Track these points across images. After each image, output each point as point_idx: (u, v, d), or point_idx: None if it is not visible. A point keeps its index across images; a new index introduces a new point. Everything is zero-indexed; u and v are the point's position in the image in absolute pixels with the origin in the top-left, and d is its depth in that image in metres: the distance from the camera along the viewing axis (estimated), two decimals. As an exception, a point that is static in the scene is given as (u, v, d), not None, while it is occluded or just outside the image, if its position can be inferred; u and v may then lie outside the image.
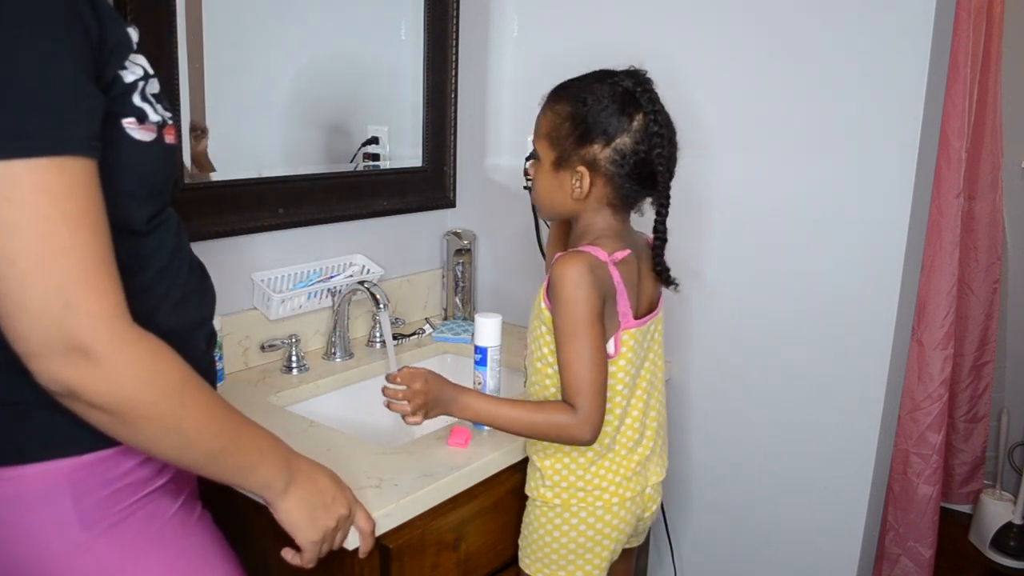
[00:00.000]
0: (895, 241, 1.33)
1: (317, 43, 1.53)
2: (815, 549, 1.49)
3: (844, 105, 1.33)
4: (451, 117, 1.76)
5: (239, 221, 1.39)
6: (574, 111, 1.04)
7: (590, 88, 1.04)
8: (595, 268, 1.01)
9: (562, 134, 1.05)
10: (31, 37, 0.62)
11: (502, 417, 1.05)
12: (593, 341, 1.01)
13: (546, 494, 1.11)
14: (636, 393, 1.11)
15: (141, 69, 0.74)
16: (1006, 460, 2.44)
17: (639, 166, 1.03)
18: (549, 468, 1.10)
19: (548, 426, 1.02)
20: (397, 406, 1.05)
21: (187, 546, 0.83)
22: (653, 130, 1.02)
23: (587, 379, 1.01)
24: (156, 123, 0.75)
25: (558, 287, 1.01)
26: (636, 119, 1.02)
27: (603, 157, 1.03)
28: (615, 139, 1.02)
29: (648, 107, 1.02)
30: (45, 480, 0.73)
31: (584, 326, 1.00)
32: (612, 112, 1.02)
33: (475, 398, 1.07)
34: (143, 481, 0.79)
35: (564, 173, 1.06)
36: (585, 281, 0.99)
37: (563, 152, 1.05)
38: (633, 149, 1.02)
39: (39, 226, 0.62)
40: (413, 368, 1.06)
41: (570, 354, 1.01)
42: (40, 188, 0.62)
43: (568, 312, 1.00)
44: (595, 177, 1.05)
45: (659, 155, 1.02)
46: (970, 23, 1.59)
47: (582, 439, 1.03)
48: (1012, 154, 2.31)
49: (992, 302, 2.28)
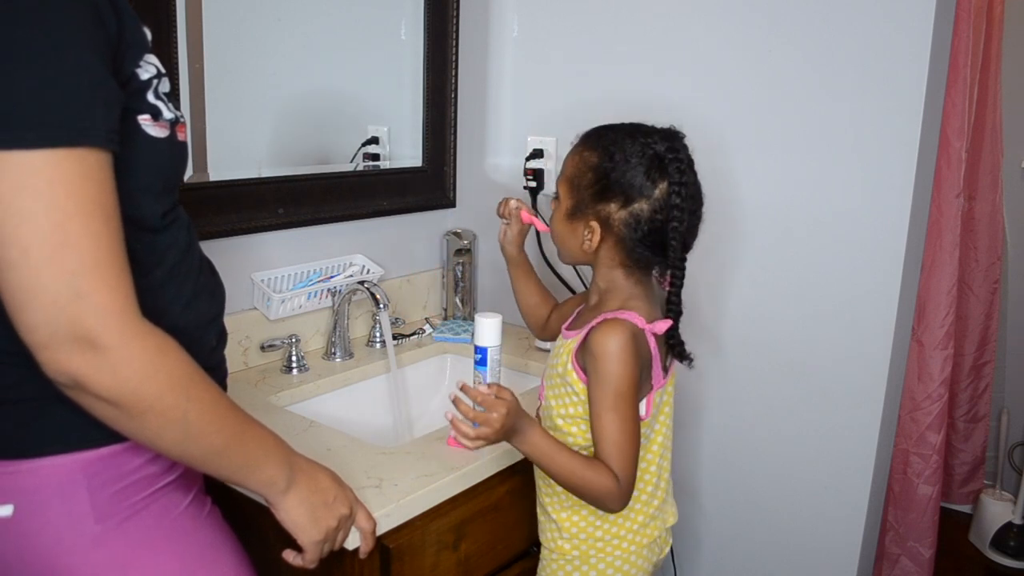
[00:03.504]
0: (895, 241, 1.33)
1: (317, 43, 1.53)
2: (815, 549, 1.49)
3: (844, 105, 1.33)
4: (451, 117, 1.76)
5: (239, 221, 1.39)
6: (599, 163, 1.01)
7: (621, 143, 1.00)
8: (636, 337, 0.98)
9: (583, 184, 1.02)
10: (52, 30, 0.62)
11: (557, 463, 1.00)
12: (632, 412, 0.99)
13: (564, 546, 1.09)
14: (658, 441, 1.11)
15: (155, 68, 0.75)
16: (1006, 460, 2.44)
17: (652, 234, 1.00)
18: (566, 520, 1.09)
19: (594, 486, 0.98)
20: (461, 426, 1.00)
21: (199, 540, 0.84)
22: (675, 202, 0.97)
23: (626, 450, 0.98)
24: (169, 120, 0.76)
25: (600, 358, 0.97)
26: (659, 186, 0.98)
27: (617, 218, 1.00)
28: (633, 203, 0.99)
29: (675, 176, 0.98)
30: (61, 473, 0.74)
31: (626, 400, 0.98)
32: (637, 174, 0.98)
33: (541, 437, 1.01)
34: (156, 475, 0.80)
35: (577, 223, 1.04)
36: (627, 353, 0.97)
37: (579, 201, 1.03)
38: (649, 216, 0.99)
39: (54, 215, 0.62)
40: (503, 394, 0.99)
41: (610, 425, 0.98)
42: (57, 178, 0.62)
43: (611, 385, 0.97)
44: (606, 235, 1.02)
45: (675, 228, 0.98)
46: (970, 23, 1.59)
47: (614, 508, 1.01)
48: (1012, 154, 2.31)
49: (992, 302, 2.28)
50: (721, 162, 1.45)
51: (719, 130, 1.44)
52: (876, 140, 1.31)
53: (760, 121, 1.41)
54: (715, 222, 1.49)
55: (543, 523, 1.13)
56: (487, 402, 0.98)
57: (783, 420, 1.48)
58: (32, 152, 0.61)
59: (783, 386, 1.47)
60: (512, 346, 1.61)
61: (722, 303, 1.51)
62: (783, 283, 1.44)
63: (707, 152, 1.07)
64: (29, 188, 0.61)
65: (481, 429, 0.98)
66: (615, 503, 1.00)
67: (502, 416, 0.97)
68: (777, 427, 1.49)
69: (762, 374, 1.49)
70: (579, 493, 1.01)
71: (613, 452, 0.98)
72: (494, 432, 0.98)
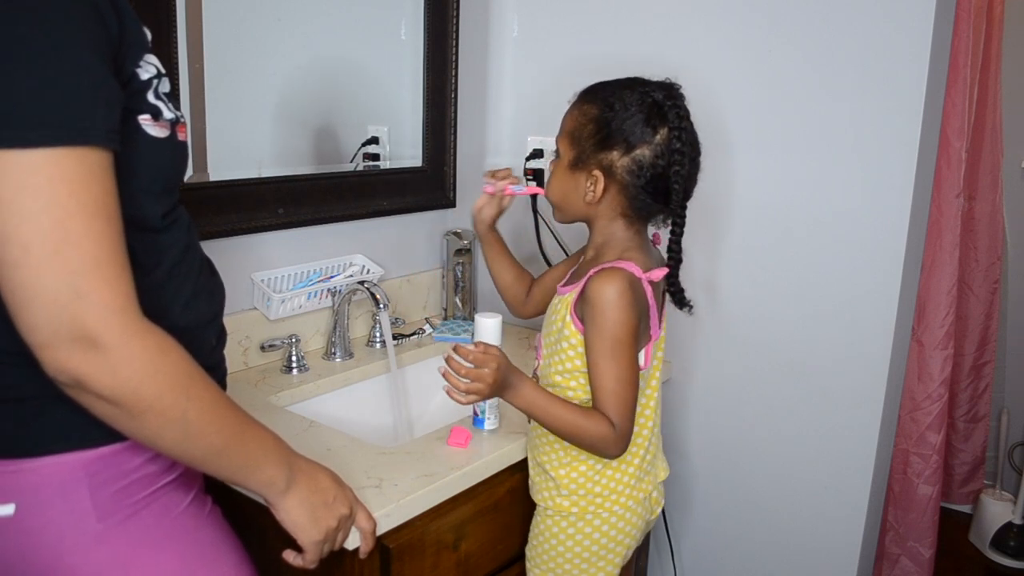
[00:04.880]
0: (895, 241, 1.33)
1: (317, 43, 1.53)
2: (815, 549, 1.49)
3: (844, 105, 1.33)
4: (451, 117, 1.76)
5: (239, 221, 1.39)
6: (600, 114, 1.03)
7: (620, 93, 1.03)
8: (633, 285, 1.00)
9: (584, 135, 1.04)
10: (52, 29, 0.63)
11: (553, 413, 1.01)
12: (630, 360, 1.00)
13: (562, 503, 1.10)
14: (654, 396, 1.12)
15: (155, 68, 0.75)
16: (1006, 460, 2.44)
17: (655, 180, 1.02)
18: (565, 477, 1.09)
19: (592, 434, 1.00)
20: (454, 380, 1.00)
21: (200, 539, 0.84)
22: (675, 146, 1.00)
23: (625, 399, 1.00)
24: (170, 120, 0.76)
25: (597, 305, 0.99)
26: (660, 132, 1.01)
27: (620, 165, 1.02)
28: (635, 149, 1.01)
29: (674, 122, 1.00)
30: (63, 472, 0.74)
31: (623, 346, 0.99)
32: (637, 121, 1.01)
33: (534, 390, 1.03)
34: (157, 474, 0.80)
35: (580, 174, 1.05)
36: (625, 300, 0.98)
37: (581, 153, 1.04)
38: (652, 162, 1.01)
39: (55, 214, 0.62)
40: (489, 350, 1.00)
41: (607, 372, 1.00)
42: (58, 177, 0.62)
43: (609, 332, 0.99)
44: (609, 184, 1.04)
45: (677, 172, 1.00)
46: (970, 23, 1.58)
47: (611, 455, 1.03)
48: (1012, 154, 2.31)
49: (992, 302, 2.28)
50: (721, 162, 1.45)
51: (719, 130, 1.44)
52: (876, 140, 1.31)
53: (760, 121, 1.41)
54: (715, 221, 1.50)
55: (539, 482, 1.13)
56: (478, 358, 0.99)
57: (783, 420, 1.48)
58: (33, 151, 0.61)
59: (783, 386, 1.47)
60: (512, 346, 1.61)
61: (722, 303, 1.51)
62: (783, 283, 1.44)
63: (707, 152, 1.08)
64: (30, 187, 0.61)
65: (474, 384, 0.99)
66: (613, 449, 1.02)
67: (493, 371, 0.99)
68: (777, 427, 1.49)
69: (762, 374, 1.49)
70: (576, 441, 1.03)
71: (611, 399, 1.00)
72: (487, 386, 0.99)
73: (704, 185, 1.07)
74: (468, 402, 1.01)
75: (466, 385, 1.00)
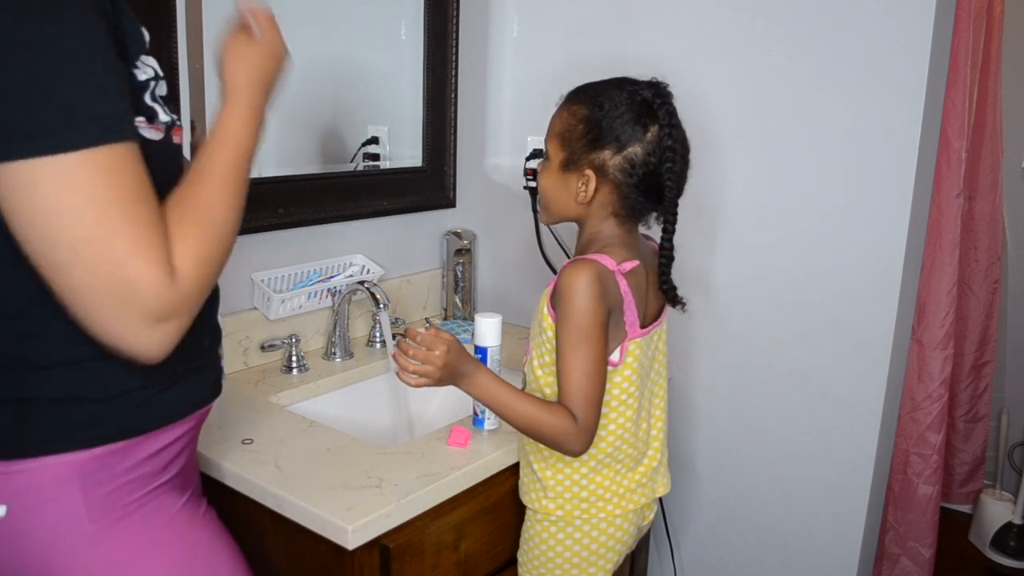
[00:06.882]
0: (895, 241, 1.33)
1: (317, 43, 1.53)
2: (815, 549, 1.49)
3: (844, 105, 1.33)
4: (451, 117, 1.76)
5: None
6: (589, 114, 1.02)
7: (608, 93, 1.03)
8: (603, 277, 0.99)
9: (574, 136, 1.03)
10: (71, 30, 0.64)
11: (510, 406, 1.00)
12: (596, 352, 0.99)
13: (548, 505, 1.09)
14: (641, 403, 1.10)
15: (152, 70, 0.75)
16: (1006, 460, 2.44)
17: (647, 178, 1.02)
18: (551, 479, 1.09)
19: (552, 428, 0.99)
20: (405, 363, 0.99)
21: (194, 540, 0.84)
22: (667, 144, 1.00)
23: (588, 391, 0.99)
24: (165, 123, 0.76)
25: (564, 295, 0.99)
26: (651, 130, 1.01)
27: (612, 164, 1.02)
28: (627, 147, 1.01)
29: (664, 120, 1.00)
30: (55, 474, 0.74)
31: (588, 337, 0.98)
32: (628, 120, 1.00)
33: (489, 379, 1.02)
34: (150, 476, 0.80)
35: (571, 175, 1.05)
36: (592, 291, 0.98)
37: (572, 153, 1.04)
38: (644, 160, 1.01)
39: (96, 211, 0.64)
40: (440, 334, 0.99)
41: (571, 364, 0.99)
42: (95, 175, 0.64)
43: (573, 322, 0.98)
44: (601, 183, 1.03)
45: (669, 170, 1.00)
46: (970, 23, 1.58)
47: (574, 450, 1.01)
48: (1012, 154, 2.31)
49: (992, 302, 2.28)
50: (721, 162, 1.45)
51: (719, 130, 1.44)
52: (876, 140, 1.31)
53: (760, 121, 1.41)
54: (714, 221, 1.50)
55: (528, 483, 1.13)
56: (427, 340, 0.99)
57: (783, 420, 1.48)
58: (69, 155, 0.63)
59: (783, 386, 1.47)
60: (512, 346, 1.61)
61: (722, 303, 1.51)
62: (783, 283, 1.44)
63: (708, 153, 1.08)
64: (70, 189, 0.63)
65: (423, 366, 0.99)
66: (574, 444, 1.00)
67: (443, 353, 0.98)
68: (777, 427, 1.49)
69: (762, 374, 1.49)
70: (536, 434, 1.01)
71: (572, 391, 0.99)
72: (436, 368, 0.98)
73: (704, 185, 1.08)
74: (416, 384, 1.00)
75: (415, 367, 0.99)
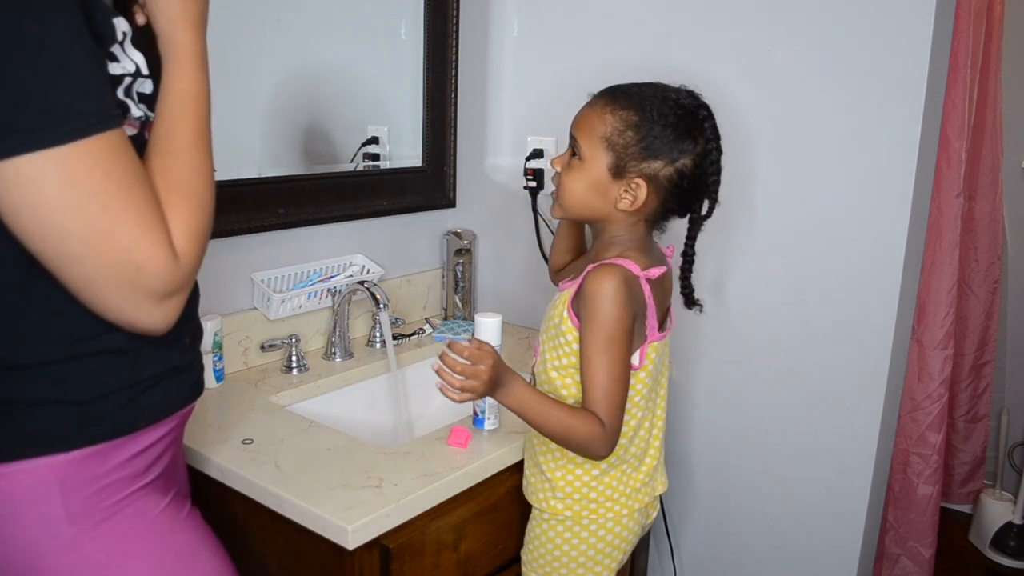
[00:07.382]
0: (895, 241, 1.33)
1: (317, 43, 1.53)
2: (815, 549, 1.49)
3: (844, 105, 1.33)
4: (451, 117, 1.76)
5: (239, 221, 1.39)
6: (640, 121, 1.01)
7: (652, 101, 1.02)
8: (629, 283, 1.00)
9: (625, 141, 1.02)
10: (54, 21, 0.64)
11: (543, 414, 1.00)
12: (622, 357, 1.00)
13: (556, 505, 1.09)
14: (648, 404, 1.11)
15: (133, 65, 0.75)
16: (1006, 460, 2.44)
17: (692, 189, 1.04)
18: (561, 479, 1.09)
19: (582, 434, 0.99)
20: (448, 377, 0.99)
21: (177, 543, 0.83)
22: (713, 157, 1.02)
23: (614, 396, 0.99)
24: (139, 119, 0.76)
25: (592, 300, 0.99)
26: (699, 142, 1.02)
27: (664, 175, 1.02)
28: (679, 160, 1.02)
29: (711, 133, 1.03)
30: (35, 477, 0.73)
31: (614, 342, 0.99)
32: (681, 131, 1.01)
33: (524, 389, 1.02)
34: (131, 478, 0.79)
35: (616, 181, 1.03)
36: (621, 296, 0.98)
37: (622, 160, 1.02)
38: (691, 172, 1.02)
39: (99, 200, 0.65)
40: (483, 346, 0.99)
41: (599, 370, 0.99)
42: (93, 164, 0.65)
43: (601, 327, 0.99)
44: (649, 192, 1.03)
45: (714, 182, 1.03)
46: (970, 23, 1.58)
47: (601, 455, 1.02)
48: (1012, 154, 2.31)
49: (992, 302, 2.28)
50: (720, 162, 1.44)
51: (719, 130, 1.44)
52: (876, 140, 1.31)
53: (760, 122, 1.41)
54: (714, 221, 1.49)
55: (535, 483, 1.13)
56: (474, 355, 0.98)
57: (783, 420, 1.48)
58: (66, 146, 0.64)
59: (783, 386, 1.47)
60: (512, 346, 1.61)
61: (722, 303, 1.51)
62: (783, 282, 1.44)
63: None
64: (71, 181, 0.64)
65: (469, 381, 0.99)
66: (601, 449, 1.01)
67: (489, 367, 0.98)
68: (777, 426, 1.49)
69: (762, 374, 1.49)
70: (565, 442, 1.02)
71: (600, 396, 0.99)
72: (482, 383, 0.99)
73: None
74: (462, 400, 1.00)
75: (461, 383, 0.99)
